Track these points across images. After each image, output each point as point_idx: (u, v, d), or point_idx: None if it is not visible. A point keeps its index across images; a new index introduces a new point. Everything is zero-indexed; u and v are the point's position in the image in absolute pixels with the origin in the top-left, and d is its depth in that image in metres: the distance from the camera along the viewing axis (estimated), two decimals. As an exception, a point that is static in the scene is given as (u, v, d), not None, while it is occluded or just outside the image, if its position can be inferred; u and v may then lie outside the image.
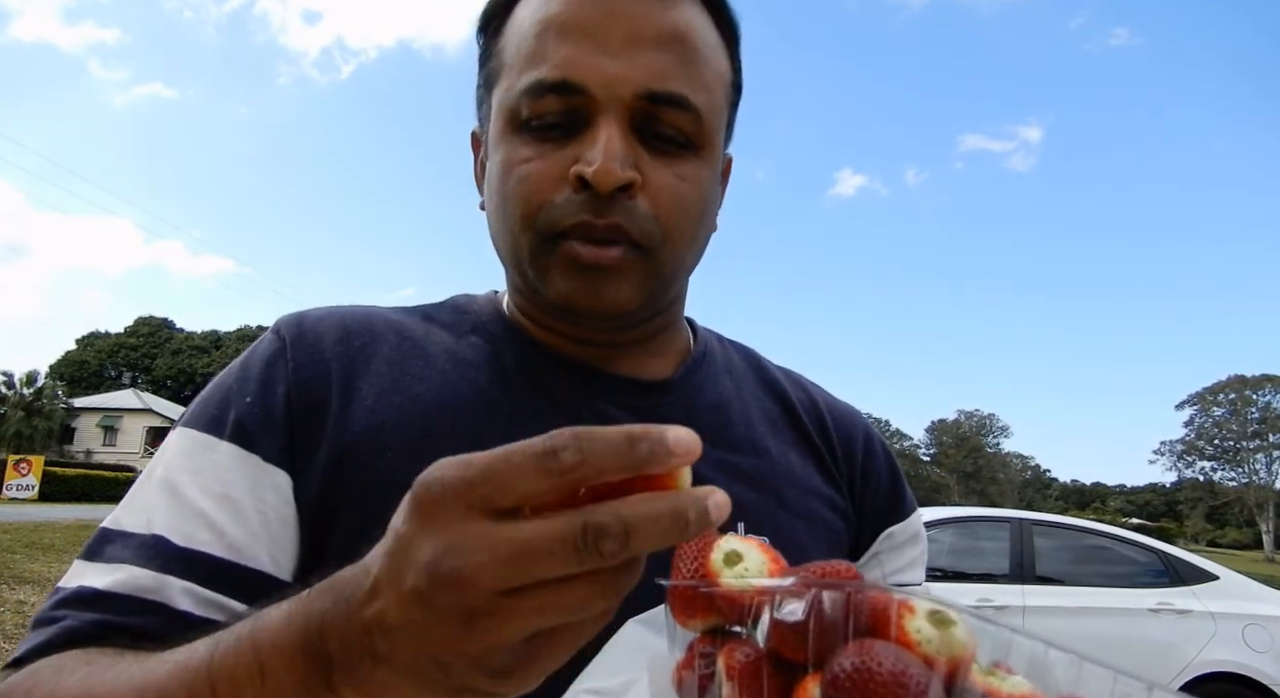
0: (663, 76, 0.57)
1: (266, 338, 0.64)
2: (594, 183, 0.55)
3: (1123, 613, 5.06)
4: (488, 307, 0.70)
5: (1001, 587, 5.21)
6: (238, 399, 0.59)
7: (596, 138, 0.55)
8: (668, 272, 0.61)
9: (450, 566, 0.30)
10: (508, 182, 0.59)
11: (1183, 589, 5.13)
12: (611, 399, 0.64)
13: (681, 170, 0.59)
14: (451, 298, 0.73)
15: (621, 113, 0.56)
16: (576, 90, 0.56)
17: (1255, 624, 4.91)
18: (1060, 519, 5.93)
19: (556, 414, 0.62)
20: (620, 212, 0.56)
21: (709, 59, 0.61)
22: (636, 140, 0.58)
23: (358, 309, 0.67)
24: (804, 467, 0.69)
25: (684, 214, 0.59)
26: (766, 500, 0.64)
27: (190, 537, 0.53)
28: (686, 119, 0.58)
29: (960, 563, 5.46)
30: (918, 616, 0.31)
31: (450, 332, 0.66)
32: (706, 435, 0.63)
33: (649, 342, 0.68)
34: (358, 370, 0.61)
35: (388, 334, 0.64)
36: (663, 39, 0.58)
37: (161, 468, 0.57)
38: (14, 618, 6.08)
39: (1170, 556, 5.35)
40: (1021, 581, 5.25)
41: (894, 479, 0.74)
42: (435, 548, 0.31)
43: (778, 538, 0.62)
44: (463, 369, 0.63)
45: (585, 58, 0.56)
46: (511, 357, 0.65)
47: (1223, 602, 5.04)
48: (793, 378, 0.78)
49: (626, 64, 0.56)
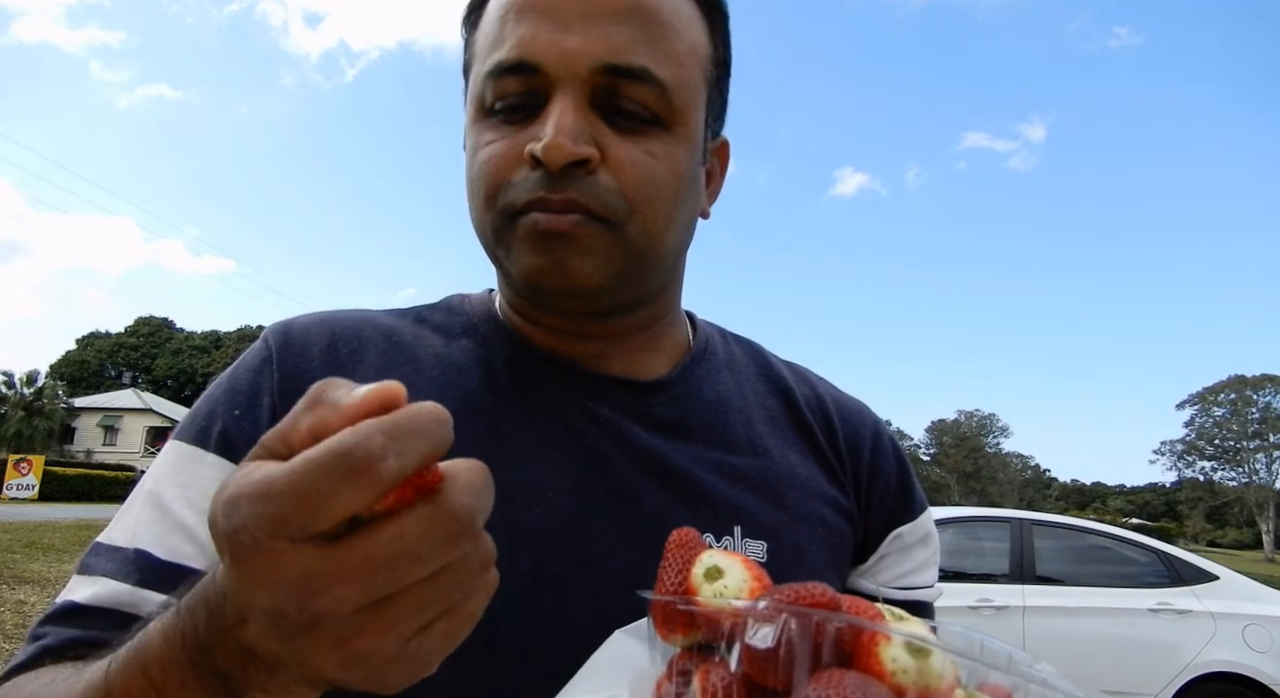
0: (621, 49, 0.55)
1: (255, 347, 0.63)
2: (544, 159, 0.53)
3: (1123, 613, 5.06)
4: (480, 307, 0.69)
5: (1001, 587, 5.21)
6: (224, 411, 0.58)
7: (549, 114, 0.54)
8: (638, 248, 0.58)
9: (297, 613, 0.28)
10: (474, 168, 0.59)
11: (1183, 589, 5.12)
12: (604, 400, 0.63)
13: (649, 146, 0.57)
14: (446, 299, 0.72)
15: (579, 89, 0.55)
16: (533, 69, 0.55)
17: (1255, 625, 4.91)
18: (1060, 519, 5.92)
19: (548, 418, 0.61)
20: (575, 187, 0.54)
21: (680, 31, 0.59)
22: (598, 117, 0.56)
23: (348, 314, 0.66)
24: (806, 467, 0.67)
25: (653, 189, 0.57)
26: (765, 504, 0.63)
27: (174, 551, 0.53)
28: (651, 93, 0.56)
29: (960, 563, 5.46)
30: (893, 644, 0.30)
31: (441, 334, 0.66)
32: (704, 435, 0.64)
33: (643, 337, 0.66)
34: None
35: (376, 340, 0.63)
36: (622, 12, 0.56)
37: (150, 481, 0.57)
38: (14, 618, 6.08)
39: (1170, 556, 5.34)
40: (1021, 581, 5.24)
41: (903, 478, 0.71)
42: (274, 598, 0.28)
43: (777, 542, 0.61)
44: (451, 375, 0.62)
45: (541, 35, 0.55)
46: (502, 359, 0.64)
47: (1223, 602, 5.03)
48: (798, 372, 0.76)
49: (582, 39, 0.55)
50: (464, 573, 0.30)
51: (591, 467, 0.60)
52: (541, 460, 0.59)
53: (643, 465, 0.61)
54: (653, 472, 0.61)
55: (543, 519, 0.57)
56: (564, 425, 0.61)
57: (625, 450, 0.61)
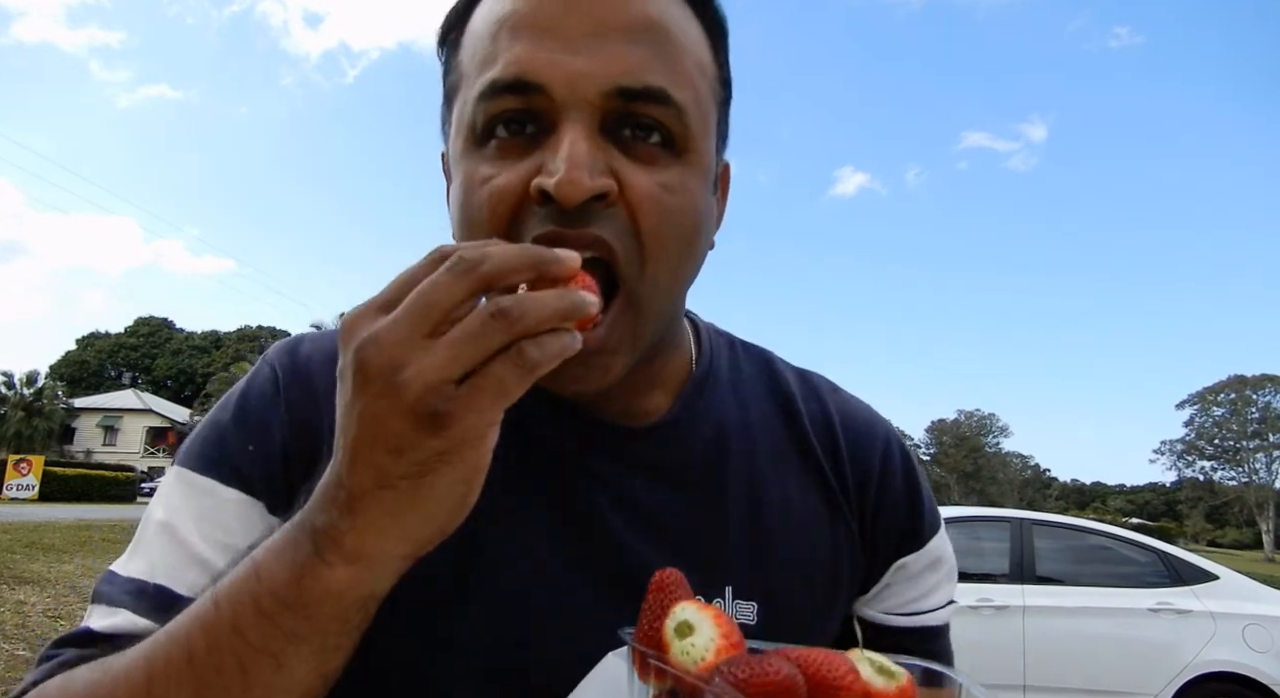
0: (636, 70, 0.50)
1: (262, 372, 0.61)
2: (558, 197, 0.47)
3: (1123, 613, 5.05)
4: None
5: (1001, 587, 5.20)
6: (236, 442, 0.57)
7: (560, 143, 0.48)
8: (654, 311, 0.54)
9: (411, 380, 0.36)
10: (470, 205, 0.52)
11: (1183, 589, 5.12)
12: (602, 448, 0.61)
13: (665, 178, 0.52)
14: None
15: (589, 114, 0.49)
16: (534, 89, 0.49)
17: (1255, 624, 4.90)
18: (1060, 519, 5.91)
19: (546, 471, 0.59)
20: (593, 222, 0.49)
21: (690, 51, 0.54)
22: (610, 142, 0.51)
23: None
24: (807, 504, 0.65)
25: (669, 228, 0.52)
26: (759, 559, 0.61)
27: (194, 586, 0.52)
28: (669, 115, 0.51)
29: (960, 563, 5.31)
30: None
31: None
32: (701, 480, 0.63)
33: (644, 371, 0.61)
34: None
35: None
36: (634, 28, 0.51)
37: (163, 511, 0.56)
38: (14, 618, 6.07)
39: (1170, 555, 5.34)
40: (1022, 580, 5.24)
41: (912, 504, 0.67)
42: (395, 377, 0.37)
43: (769, 602, 0.60)
44: None
45: (542, 54, 0.49)
46: None
47: (1223, 602, 5.03)
48: (809, 385, 0.71)
49: (591, 59, 0.49)
50: (515, 360, 0.37)
51: (585, 526, 0.59)
52: (536, 516, 0.58)
53: (638, 526, 0.59)
54: (648, 531, 0.59)
55: (533, 584, 0.56)
56: (560, 479, 0.60)
57: (621, 509, 0.59)
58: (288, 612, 0.40)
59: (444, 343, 0.37)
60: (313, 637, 0.41)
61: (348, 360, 0.39)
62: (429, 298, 0.37)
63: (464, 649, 0.55)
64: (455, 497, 0.41)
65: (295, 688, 0.42)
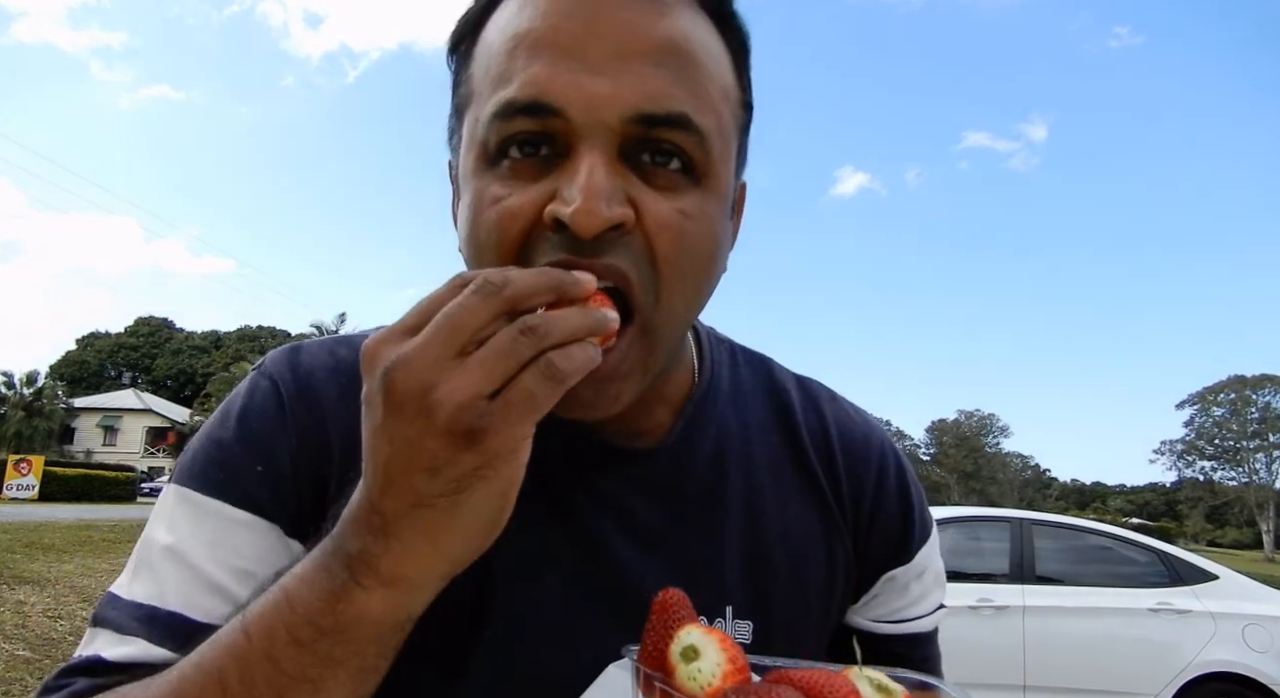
0: (658, 95, 0.48)
1: (262, 387, 0.59)
2: (573, 226, 0.46)
3: (1123, 613, 5.06)
4: None
5: (1001, 587, 5.20)
6: (243, 463, 0.56)
7: (577, 170, 0.47)
8: (666, 338, 0.53)
9: (444, 399, 0.37)
10: (479, 225, 0.51)
11: (1183, 589, 5.12)
12: (605, 470, 0.61)
13: (683, 205, 0.50)
14: None
15: (608, 140, 0.48)
16: (551, 112, 0.47)
17: (1255, 624, 4.91)
18: (1060, 519, 5.91)
19: (550, 493, 0.59)
20: (609, 252, 0.48)
21: (714, 74, 0.52)
22: (629, 169, 0.49)
23: (353, 353, 0.60)
24: (805, 520, 0.65)
25: (687, 258, 0.51)
26: (757, 578, 0.62)
27: (210, 613, 0.51)
28: (690, 142, 0.49)
29: (960, 563, 5.45)
30: None
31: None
32: (701, 500, 0.63)
33: (652, 390, 0.60)
34: (356, 437, 0.53)
35: None
36: (657, 52, 0.49)
37: (167, 533, 0.54)
38: (14, 618, 6.08)
39: (1170, 555, 5.34)
40: (1022, 580, 5.24)
41: (905, 519, 0.68)
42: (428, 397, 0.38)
43: (766, 620, 0.61)
44: None
45: (561, 75, 0.47)
46: None
47: (1223, 602, 5.03)
48: (808, 394, 0.71)
49: (612, 82, 0.47)
50: (542, 372, 0.39)
51: (590, 548, 0.59)
52: (543, 540, 0.58)
53: (640, 545, 0.60)
54: (651, 552, 0.60)
55: (541, 605, 0.57)
56: (564, 503, 0.60)
57: (624, 529, 0.60)
58: (324, 639, 0.41)
59: (474, 360, 0.38)
60: (350, 660, 0.42)
61: (375, 386, 0.39)
62: (457, 320, 0.39)
63: (473, 672, 0.55)
64: (492, 511, 0.42)
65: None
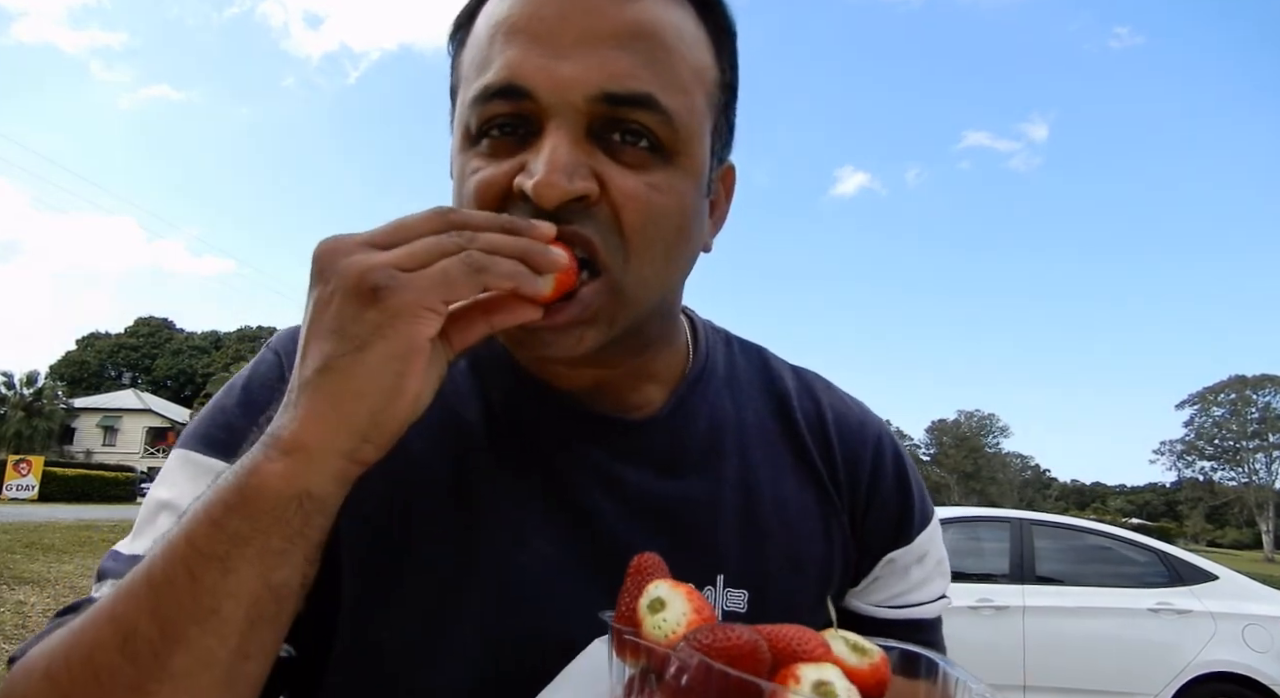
0: (622, 76, 0.51)
1: (266, 358, 0.62)
2: (535, 197, 0.49)
3: (1123, 613, 5.05)
4: None
5: (1001, 587, 5.20)
6: (243, 425, 0.57)
7: (542, 147, 0.50)
8: (636, 299, 0.54)
9: (357, 261, 0.43)
10: (460, 197, 0.55)
11: (1183, 589, 5.12)
12: (596, 442, 0.62)
13: (652, 179, 0.53)
14: None
15: (574, 119, 0.51)
16: (522, 94, 0.51)
17: (1255, 624, 4.90)
18: (1060, 519, 5.91)
19: (540, 462, 0.60)
20: (575, 220, 0.50)
21: (685, 56, 0.54)
22: (596, 146, 0.52)
23: None
24: (800, 497, 0.66)
25: (654, 227, 0.53)
26: (751, 548, 0.62)
27: None
28: (655, 121, 0.52)
29: (960, 563, 5.45)
30: (803, 684, 0.34)
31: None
32: (695, 470, 0.64)
33: (639, 364, 0.63)
34: None
35: None
36: (623, 35, 0.52)
37: (165, 491, 0.56)
38: (14, 618, 6.07)
39: (1170, 555, 5.34)
40: (1021, 581, 5.24)
41: (903, 500, 0.69)
42: (342, 262, 0.43)
43: (760, 590, 0.61)
44: (453, 402, 0.61)
45: (532, 59, 0.51)
46: (499, 392, 0.63)
47: (1223, 602, 5.03)
48: (803, 381, 0.73)
49: (578, 65, 0.51)
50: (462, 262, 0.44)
51: (579, 515, 0.59)
52: (532, 507, 0.59)
53: (630, 511, 0.60)
54: (639, 517, 0.60)
55: (529, 570, 0.57)
56: (555, 470, 0.60)
57: (613, 496, 0.60)
58: (231, 515, 0.42)
59: (402, 248, 0.43)
60: (255, 538, 0.42)
61: (310, 267, 0.44)
62: (401, 222, 0.45)
63: (459, 634, 0.55)
64: (389, 375, 0.43)
65: (243, 594, 0.42)
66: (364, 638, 0.54)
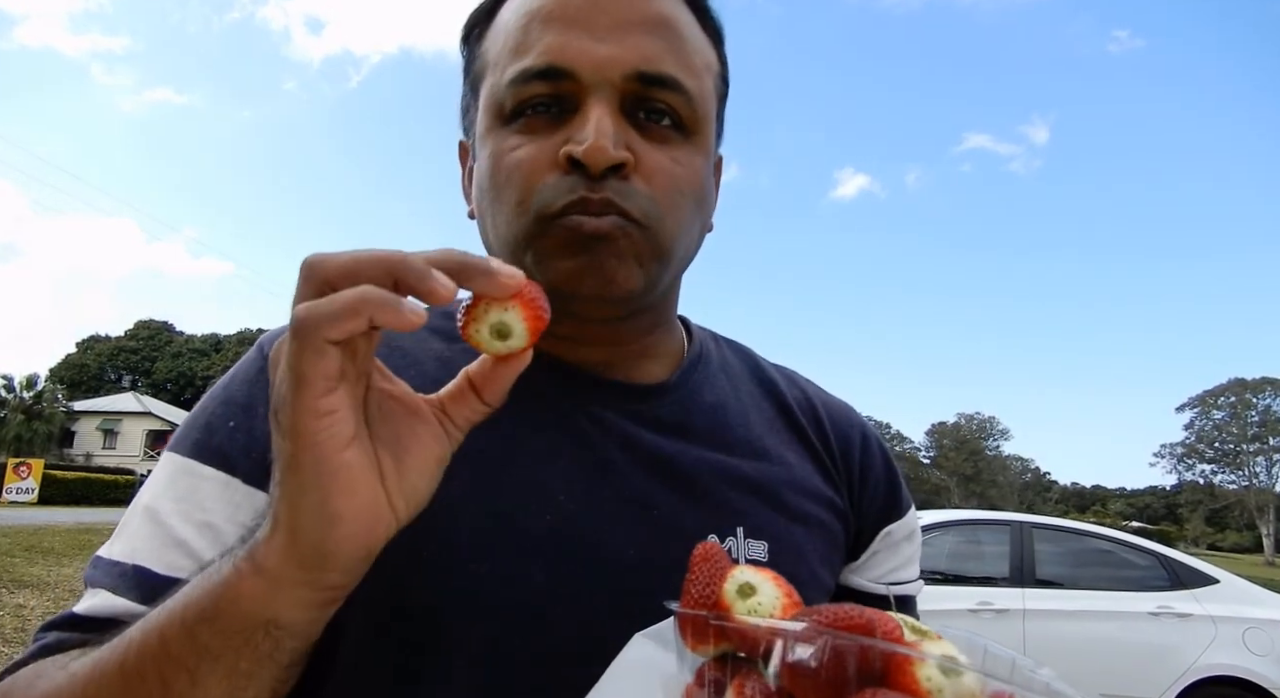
0: (653, 58, 0.57)
1: (250, 357, 0.63)
2: (585, 161, 0.54)
3: (1123, 617, 5.05)
4: None
5: (1001, 590, 5.20)
6: (220, 422, 0.58)
7: (587, 119, 0.55)
8: (667, 251, 0.59)
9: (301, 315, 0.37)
10: (499, 173, 0.58)
11: (1183, 593, 5.12)
12: (609, 405, 0.63)
13: (675, 154, 0.58)
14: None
15: (611, 95, 0.56)
16: (564, 75, 0.56)
17: (1256, 628, 4.90)
18: (1060, 522, 5.92)
19: (554, 423, 0.61)
20: (613, 189, 0.55)
21: (697, 47, 0.61)
22: (628, 124, 0.57)
23: None
24: (803, 468, 0.69)
25: (679, 195, 0.58)
26: (765, 505, 0.64)
27: (171, 565, 0.53)
28: (679, 101, 0.58)
29: (960, 566, 5.45)
30: (928, 665, 0.32)
31: (442, 338, 0.64)
32: (706, 437, 0.65)
33: (644, 344, 0.67)
34: None
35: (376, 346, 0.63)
36: (650, 24, 0.58)
37: (148, 495, 0.57)
38: (13, 621, 6.07)
39: (1170, 559, 5.34)
40: (1022, 584, 5.24)
41: (891, 478, 0.74)
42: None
43: (778, 544, 0.62)
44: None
45: (572, 43, 0.56)
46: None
47: (1223, 605, 5.03)
48: (788, 375, 0.78)
49: (616, 47, 0.56)
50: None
51: (599, 470, 0.60)
52: (550, 465, 0.59)
53: (648, 468, 0.61)
54: (659, 474, 0.61)
55: (554, 525, 0.57)
56: (570, 430, 0.61)
57: (631, 453, 0.61)
58: (203, 625, 0.40)
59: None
60: (224, 656, 0.40)
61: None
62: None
63: (487, 588, 0.54)
64: (311, 505, 0.38)
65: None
66: (384, 598, 0.52)
